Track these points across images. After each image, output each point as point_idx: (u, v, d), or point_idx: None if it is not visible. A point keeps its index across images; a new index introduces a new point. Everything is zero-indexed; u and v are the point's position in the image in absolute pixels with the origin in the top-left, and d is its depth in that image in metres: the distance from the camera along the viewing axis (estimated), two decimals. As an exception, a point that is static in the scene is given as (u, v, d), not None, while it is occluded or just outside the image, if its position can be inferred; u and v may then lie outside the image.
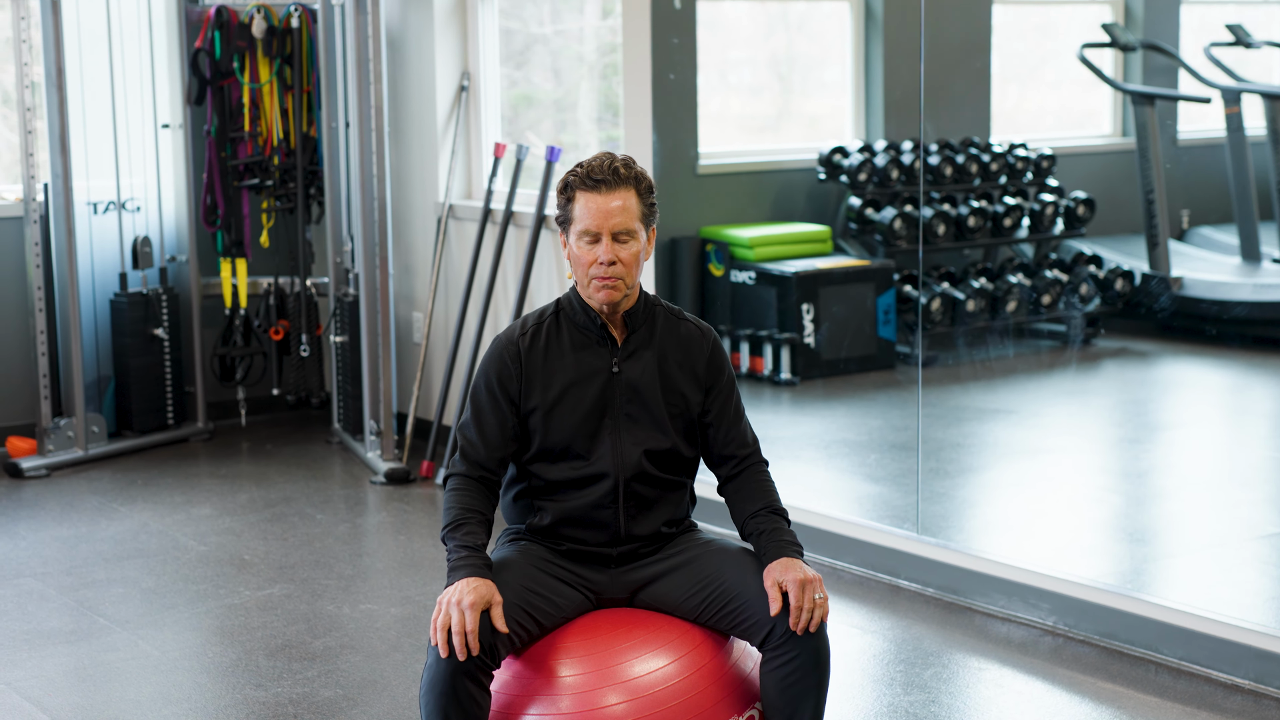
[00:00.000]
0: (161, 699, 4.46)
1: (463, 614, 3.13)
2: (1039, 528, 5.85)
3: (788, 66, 8.38)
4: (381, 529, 6.14)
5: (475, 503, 3.37)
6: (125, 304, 7.08)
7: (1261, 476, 6.51)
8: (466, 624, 3.12)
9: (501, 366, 3.42)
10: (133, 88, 7.17)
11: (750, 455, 3.50)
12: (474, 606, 3.14)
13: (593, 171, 3.36)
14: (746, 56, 8.22)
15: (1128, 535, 5.78)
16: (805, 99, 8.48)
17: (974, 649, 4.80)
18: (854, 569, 5.49)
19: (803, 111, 8.45)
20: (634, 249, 3.36)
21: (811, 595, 3.20)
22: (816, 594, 3.21)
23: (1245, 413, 7.54)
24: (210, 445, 7.33)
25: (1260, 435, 7.11)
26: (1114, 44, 7.69)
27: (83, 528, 6.04)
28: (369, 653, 4.78)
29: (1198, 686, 4.47)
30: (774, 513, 3.42)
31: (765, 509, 3.43)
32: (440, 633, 3.13)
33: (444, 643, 3.13)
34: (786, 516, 3.43)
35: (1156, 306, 7.51)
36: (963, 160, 7.82)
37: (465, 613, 3.13)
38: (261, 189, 7.38)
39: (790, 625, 3.19)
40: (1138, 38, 7.76)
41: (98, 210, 7.09)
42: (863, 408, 7.51)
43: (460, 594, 3.15)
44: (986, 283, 7.59)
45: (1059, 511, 6.06)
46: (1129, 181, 7.71)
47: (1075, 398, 7.65)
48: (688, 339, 3.49)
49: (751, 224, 7.66)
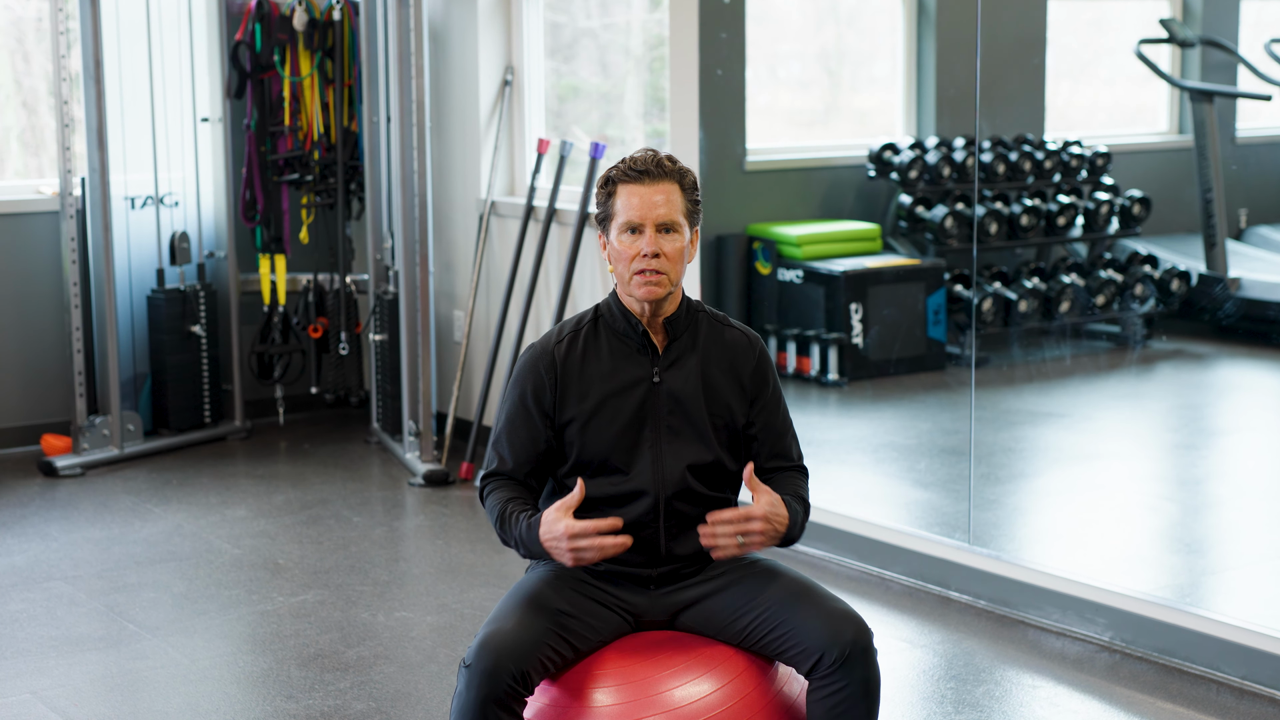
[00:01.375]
0: (190, 710, 4.35)
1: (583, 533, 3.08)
2: (1092, 537, 5.69)
3: (837, 61, 8.23)
4: (419, 533, 6.02)
5: (517, 492, 3.27)
6: (162, 300, 6.99)
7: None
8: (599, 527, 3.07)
9: (536, 378, 3.28)
10: (171, 80, 7.08)
11: (791, 466, 3.36)
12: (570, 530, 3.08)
13: (635, 164, 3.22)
14: (795, 51, 8.07)
15: (1184, 546, 5.61)
16: (854, 94, 8.33)
17: (1027, 665, 4.65)
18: (903, 579, 5.34)
19: (852, 107, 8.30)
20: (678, 243, 3.22)
21: (745, 527, 3.10)
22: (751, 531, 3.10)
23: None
24: (248, 444, 7.22)
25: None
26: (1172, 40, 7.52)
27: (116, 529, 5.94)
28: (403, 663, 4.66)
29: (1262, 708, 4.30)
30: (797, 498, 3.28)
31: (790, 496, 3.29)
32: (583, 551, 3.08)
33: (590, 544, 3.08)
34: (807, 505, 3.30)
35: (1214, 308, 7.35)
36: (1016, 158, 7.66)
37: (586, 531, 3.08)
38: (301, 184, 7.27)
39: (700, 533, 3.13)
40: (1196, 33, 7.59)
41: (135, 205, 7.00)
42: (912, 410, 7.35)
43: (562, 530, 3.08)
44: (1039, 283, 7.42)
45: (1113, 521, 5.90)
46: (1185, 180, 7.55)
47: (1129, 401, 7.48)
48: (733, 346, 3.34)
49: (799, 221, 7.52)
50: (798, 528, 3.23)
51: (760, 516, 3.12)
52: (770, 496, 3.15)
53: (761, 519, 3.12)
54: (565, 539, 3.07)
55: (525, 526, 3.16)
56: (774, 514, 3.14)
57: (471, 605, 5.12)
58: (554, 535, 3.09)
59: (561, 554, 3.09)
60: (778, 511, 3.15)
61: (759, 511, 3.12)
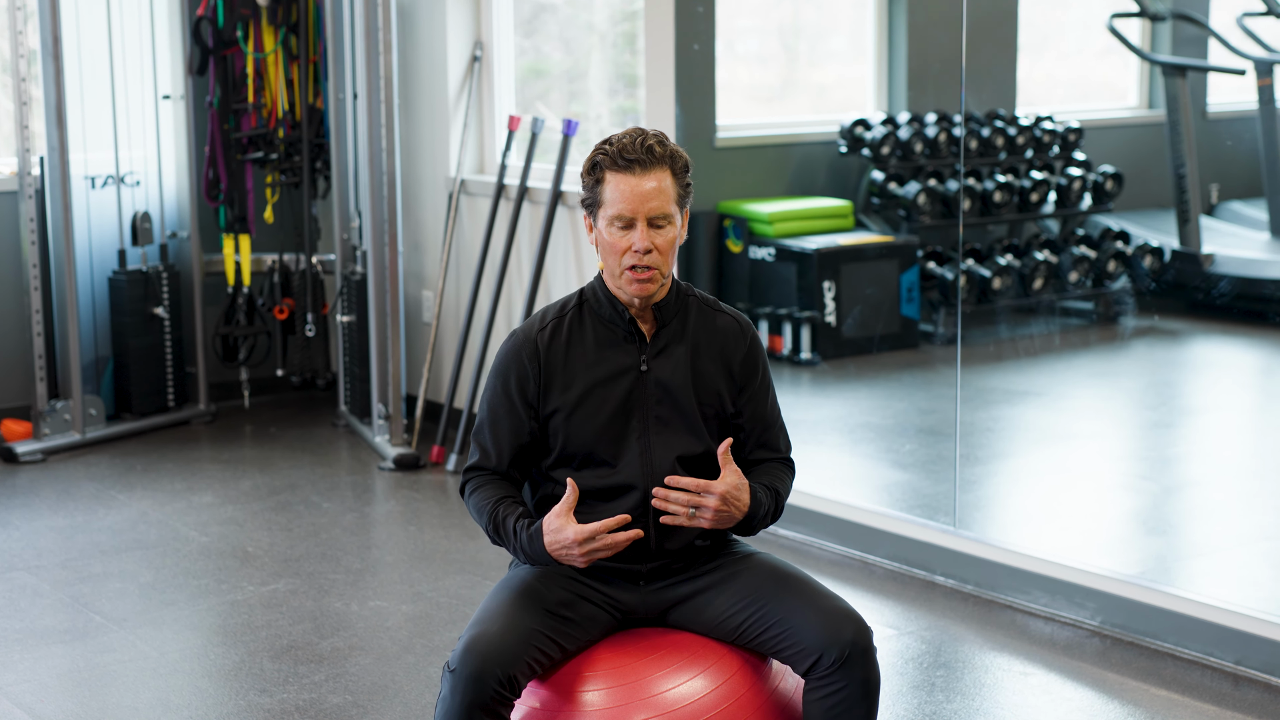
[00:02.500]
0: (160, 705, 4.23)
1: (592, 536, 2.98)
2: (1074, 519, 5.61)
3: (794, 36, 8.13)
4: (390, 519, 5.91)
5: (505, 490, 3.15)
6: (124, 282, 6.85)
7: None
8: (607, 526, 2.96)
9: (519, 367, 3.16)
10: (132, 57, 6.92)
11: (776, 459, 3.26)
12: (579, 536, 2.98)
13: (625, 150, 3.07)
14: (753, 25, 7.96)
15: (1168, 528, 5.55)
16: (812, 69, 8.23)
17: (1018, 651, 4.56)
18: (886, 564, 5.25)
19: (810, 82, 8.21)
20: (670, 235, 3.09)
21: (699, 500, 3.00)
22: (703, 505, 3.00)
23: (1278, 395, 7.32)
24: (212, 428, 7.09)
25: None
26: (1143, 13, 7.45)
27: (79, 517, 5.81)
28: (379, 655, 4.55)
29: (1258, 694, 4.23)
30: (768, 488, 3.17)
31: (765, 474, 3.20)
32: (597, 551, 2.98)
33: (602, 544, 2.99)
34: (780, 500, 3.19)
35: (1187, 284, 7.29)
36: (988, 133, 7.58)
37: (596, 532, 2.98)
38: (266, 163, 7.13)
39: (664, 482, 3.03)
40: (1168, 7, 7.53)
41: (96, 184, 6.85)
42: (887, 389, 7.27)
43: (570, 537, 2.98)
44: (1013, 259, 7.35)
45: (1094, 502, 5.83)
46: (1156, 155, 7.49)
47: (1105, 379, 7.42)
48: (724, 332, 3.23)
49: (771, 199, 7.43)
50: (758, 520, 3.11)
51: (719, 494, 3.01)
52: (736, 479, 3.05)
53: (719, 497, 3.01)
54: (575, 545, 2.97)
55: (526, 538, 3.04)
56: (734, 496, 3.03)
57: (447, 593, 5.01)
58: (562, 543, 2.98)
59: (574, 559, 2.99)
60: (739, 496, 3.04)
61: (719, 488, 3.01)
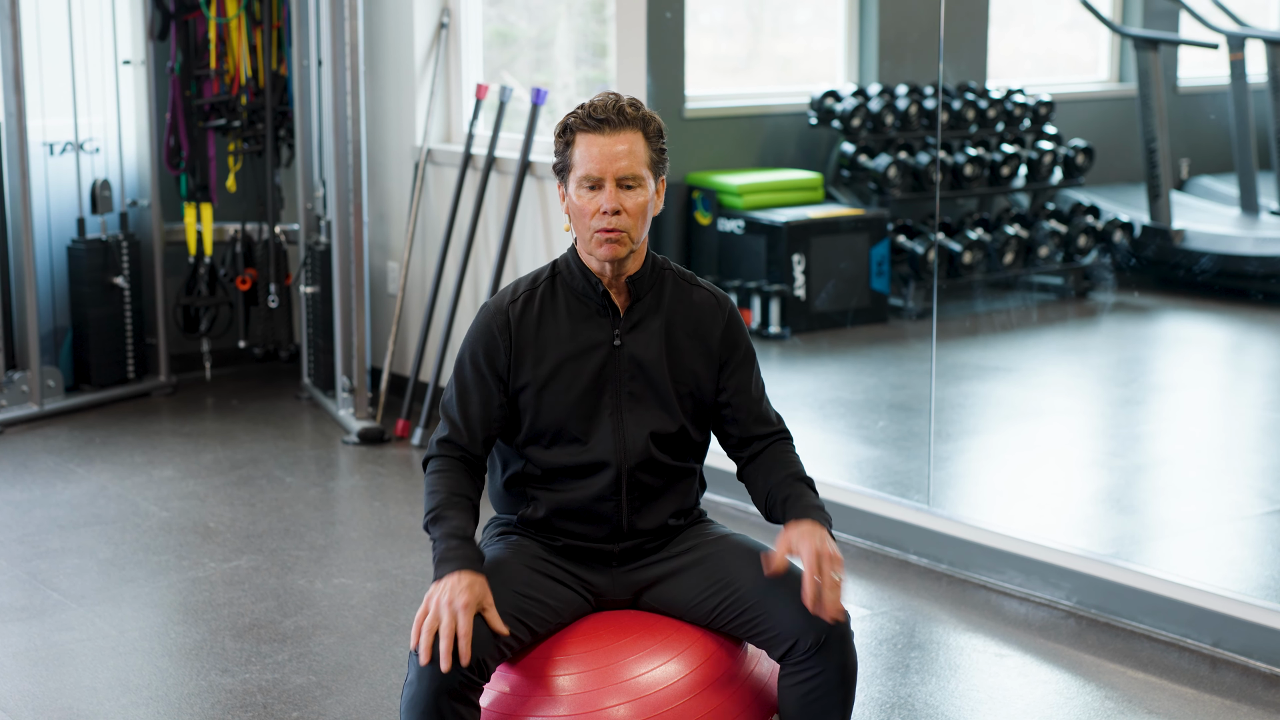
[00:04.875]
0: (119, 685, 4.14)
1: (454, 615, 2.79)
2: (1047, 497, 5.56)
3: (759, 6, 8.04)
4: (355, 494, 5.81)
5: (460, 485, 3.02)
6: (83, 251, 6.72)
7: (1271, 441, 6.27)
8: (459, 627, 2.78)
9: (489, 339, 3.07)
10: (91, 21, 6.80)
11: (775, 434, 3.17)
12: (467, 607, 2.80)
13: (595, 111, 2.98)
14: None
15: (1139, 506, 5.51)
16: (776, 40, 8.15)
17: (993, 632, 4.50)
18: (859, 542, 5.19)
19: (774, 53, 8.13)
20: (641, 198, 3.00)
21: (830, 573, 2.85)
22: (835, 573, 2.86)
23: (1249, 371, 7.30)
24: (173, 400, 6.97)
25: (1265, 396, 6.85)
26: (1115, -14, 7.41)
27: (36, 491, 5.70)
28: (344, 634, 4.46)
29: (1235, 677, 4.18)
30: (799, 480, 3.07)
31: (789, 476, 3.08)
32: (426, 636, 2.79)
33: (428, 648, 2.78)
34: (813, 485, 3.08)
35: (1157, 259, 7.25)
36: (959, 106, 7.51)
37: (458, 614, 2.78)
38: (228, 130, 7.02)
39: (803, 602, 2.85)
40: (1140, -21, 7.49)
41: (54, 151, 6.73)
42: (856, 364, 7.21)
43: (451, 593, 2.81)
44: (984, 234, 7.29)
45: (1066, 480, 5.78)
46: (1126, 129, 7.44)
47: (1076, 355, 7.39)
48: (700, 307, 3.14)
49: (740, 170, 7.35)
50: (827, 516, 3.01)
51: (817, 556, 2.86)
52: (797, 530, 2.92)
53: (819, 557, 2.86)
54: (451, 605, 2.80)
55: (440, 551, 2.90)
56: (821, 541, 2.89)
57: (412, 571, 4.92)
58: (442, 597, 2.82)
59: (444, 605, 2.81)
60: (818, 534, 2.90)
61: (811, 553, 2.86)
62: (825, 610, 2.85)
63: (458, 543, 2.91)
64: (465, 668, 2.78)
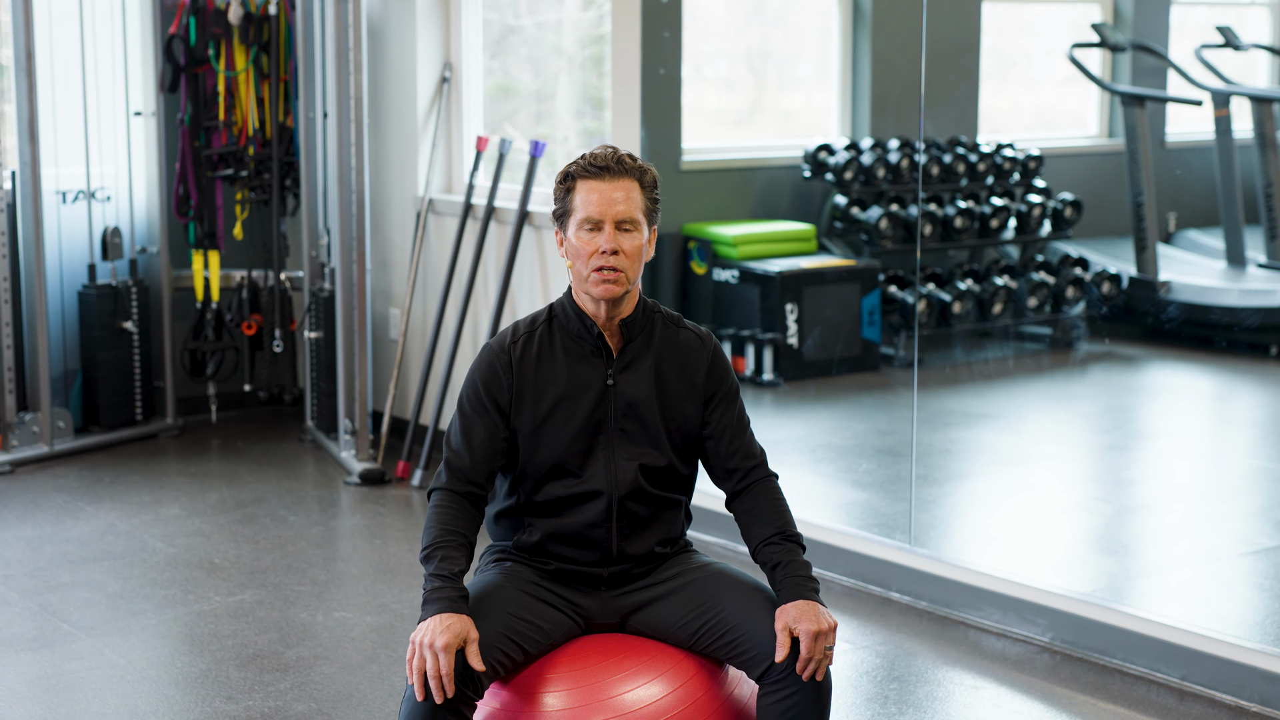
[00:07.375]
0: (127, 712, 4.29)
1: (436, 657, 2.96)
2: (1030, 539, 5.71)
3: (762, 61, 8.23)
4: (355, 532, 5.98)
5: (457, 523, 3.18)
6: (94, 296, 6.90)
7: (1251, 486, 6.40)
8: (441, 667, 2.95)
9: (492, 375, 3.25)
10: (104, 73, 6.99)
11: (757, 468, 3.33)
12: (447, 649, 2.96)
13: (596, 160, 3.20)
14: (721, 50, 8.06)
15: (1120, 548, 5.65)
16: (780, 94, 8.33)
17: (970, 666, 4.66)
18: (843, 580, 5.35)
19: (777, 107, 8.30)
20: (637, 241, 3.19)
21: (823, 647, 3.04)
22: (828, 644, 3.05)
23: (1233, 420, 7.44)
24: (180, 442, 7.14)
25: (1248, 443, 7.00)
26: (1103, 44, 7.58)
27: (47, 528, 5.87)
28: (344, 664, 4.62)
29: (1202, 708, 4.33)
30: (788, 539, 3.24)
31: (779, 535, 3.24)
32: (417, 676, 2.97)
33: (420, 686, 2.97)
34: (801, 542, 3.25)
35: (1144, 311, 7.41)
36: (950, 160, 7.69)
37: (439, 655, 2.96)
38: (236, 180, 7.20)
39: (796, 670, 3.04)
40: (1127, 38, 7.65)
41: (67, 199, 6.91)
42: (847, 411, 7.37)
43: (432, 635, 2.98)
44: (973, 284, 7.46)
45: (1049, 522, 5.93)
46: (1115, 183, 7.61)
47: (1063, 403, 7.53)
48: (686, 347, 3.32)
49: (735, 221, 7.52)
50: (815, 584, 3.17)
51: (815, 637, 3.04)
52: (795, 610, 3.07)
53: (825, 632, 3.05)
54: (430, 646, 2.96)
55: (430, 589, 3.06)
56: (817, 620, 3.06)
57: (411, 605, 5.08)
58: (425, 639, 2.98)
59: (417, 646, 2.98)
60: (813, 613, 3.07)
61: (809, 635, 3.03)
62: (817, 675, 3.05)
63: (441, 583, 3.07)
64: (461, 683, 2.96)
